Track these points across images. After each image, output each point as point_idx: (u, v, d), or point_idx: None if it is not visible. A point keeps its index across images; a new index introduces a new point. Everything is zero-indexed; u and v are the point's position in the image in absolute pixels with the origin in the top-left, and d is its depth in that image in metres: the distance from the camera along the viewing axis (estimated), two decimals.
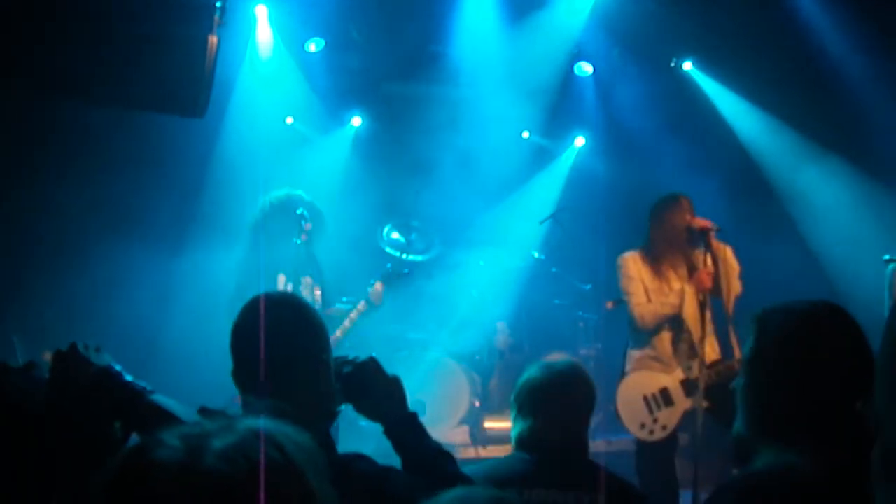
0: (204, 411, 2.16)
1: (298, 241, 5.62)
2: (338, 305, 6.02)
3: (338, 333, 5.80)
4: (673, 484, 5.56)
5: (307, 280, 5.80)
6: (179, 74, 4.45)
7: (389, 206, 8.45)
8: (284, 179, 7.89)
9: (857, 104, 8.11)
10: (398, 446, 2.40)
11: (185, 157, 7.78)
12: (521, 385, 3.14)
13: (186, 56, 4.40)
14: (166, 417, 2.15)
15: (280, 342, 2.33)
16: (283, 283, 5.72)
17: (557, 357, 8.05)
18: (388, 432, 2.41)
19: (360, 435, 5.67)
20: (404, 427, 2.41)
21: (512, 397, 3.16)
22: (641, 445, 5.60)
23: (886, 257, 6.72)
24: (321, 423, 2.36)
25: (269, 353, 2.28)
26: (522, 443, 3.06)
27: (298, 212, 5.66)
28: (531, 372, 3.16)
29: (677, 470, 5.67)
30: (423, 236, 8.14)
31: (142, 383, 2.25)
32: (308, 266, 5.83)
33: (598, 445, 7.89)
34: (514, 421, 3.12)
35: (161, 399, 2.22)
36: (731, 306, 5.58)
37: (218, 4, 4.64)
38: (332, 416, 2.46)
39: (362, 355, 2.48)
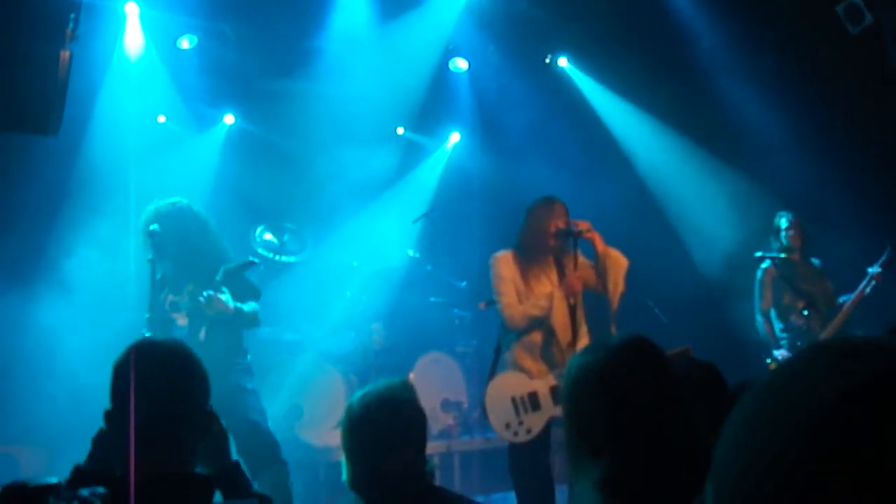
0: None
1: (149, 257, 5.30)
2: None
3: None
4: (545, 481, 5.50)
5: (189, 288, 5.50)
6: (30, 92, 4.27)
7: (262, 206, 8.34)
8: (157, 179, 7.74)
9: (726, 99, 8.35)
10: (225, 493, 2.46)
11: (46, 172, 7.46)
12: (342, 423, 2.85)
13: (37, 74, 4.23)
14: None
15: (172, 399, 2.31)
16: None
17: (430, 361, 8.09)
18: (215, 480, 2.44)
19: None
20: (230, 475, 2.51)
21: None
22: (513, 445, 5.49)
23: (758, 254, 6.92)
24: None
25: (157, 409, 2.24)
26: (356, 486, 2.80)
27: (150, 229, 5.34)
28: (350, 404, 2.83)
29: (555, 465, 5.67)
30: (295, 237, 8.06)
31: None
32: (189, 274, 5.49)
33: (475, 443, 8.00)
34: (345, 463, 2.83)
35: None
36: (615, 305, 5.56)
37: (71, 16, 4.47)
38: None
39: None
